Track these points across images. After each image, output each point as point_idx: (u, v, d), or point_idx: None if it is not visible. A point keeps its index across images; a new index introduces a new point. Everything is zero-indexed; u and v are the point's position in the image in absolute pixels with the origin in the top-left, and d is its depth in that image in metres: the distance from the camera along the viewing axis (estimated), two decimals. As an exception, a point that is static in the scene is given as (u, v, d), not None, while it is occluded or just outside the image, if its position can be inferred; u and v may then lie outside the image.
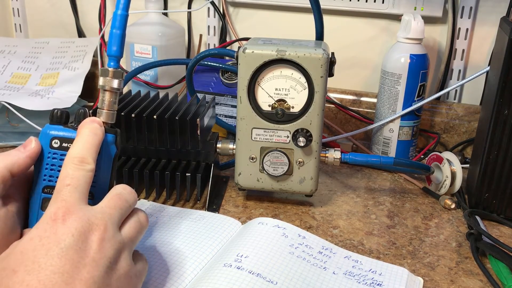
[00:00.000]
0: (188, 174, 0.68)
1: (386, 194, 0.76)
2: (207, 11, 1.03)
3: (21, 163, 0.46)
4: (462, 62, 0.91)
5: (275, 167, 0.68)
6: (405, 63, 0.80)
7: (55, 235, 0.38)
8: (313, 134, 0.66)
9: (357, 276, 0.55)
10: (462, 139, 0.91)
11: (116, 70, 0.49)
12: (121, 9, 0.49)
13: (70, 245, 0.38)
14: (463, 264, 0.59)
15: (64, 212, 0.39)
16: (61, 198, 0.40)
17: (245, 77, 0.65)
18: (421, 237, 0.65)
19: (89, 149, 0.44)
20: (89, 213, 0.40)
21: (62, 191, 0.41)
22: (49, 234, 0.38)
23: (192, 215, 0.65)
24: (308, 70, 0.64)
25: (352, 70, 0.99)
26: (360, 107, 0.96)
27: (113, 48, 0.49)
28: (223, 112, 0.90)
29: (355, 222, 0.68)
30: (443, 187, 0.74)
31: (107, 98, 0.49)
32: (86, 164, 0.43)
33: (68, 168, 0.42)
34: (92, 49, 1.04)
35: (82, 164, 0.43)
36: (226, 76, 0.88)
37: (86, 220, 0.40)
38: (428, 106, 0.92)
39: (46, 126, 0.48)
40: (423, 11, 0.89)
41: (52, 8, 1.16)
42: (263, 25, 1.01)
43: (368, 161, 0.73)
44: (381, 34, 0.95)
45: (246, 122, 0.67)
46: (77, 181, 0.42)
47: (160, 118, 0.67)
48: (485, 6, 0.88)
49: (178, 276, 0.52)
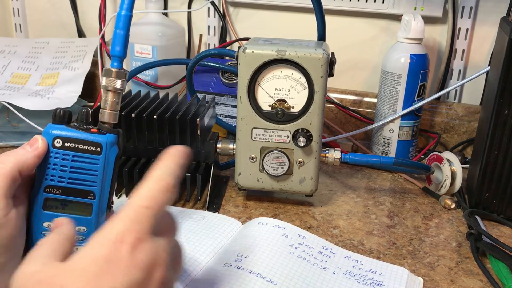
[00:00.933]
0: (188, 174, 0.68)
1: (386, 194, 0.76)
2: (207, 11, 1.03)
3: (29, 162, 0.46)
4: (462, 62, 0.91)
5: (275, 167, 0.68)
6: (405, 63, 0.80)
7: (122, 263, 0.33)
8: (313, 134, 0.66)
9: (357, 276, 0.55)
10: (462, 139, 0.91)
11: (119, 70, 0.49)
12: (125, 9, 0.49)
13: (136, 281, 0.33)
14: (463, 264, 0.60)
15: (135, 239, 0.34)
16: (135, 220, 0.35)
17: (245, 77, 0.65)
18: (421, 237, 0.65)
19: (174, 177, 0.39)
20: (157, 247, 0.35)
21: (137, 212, 0.35)
22: (114, 259, 0.33)
23: (192, 215, 0.66)
24: (308, 70, 0.64)
25: (352, 70, 0.99)
26: (360, 107, 0.96)
27: (117, 48, 0.49)
28: (223, 112, 0.90)
29: (355, 222, 0.68)
30: (443, 187, 0.74)
31: (110, 98, 0.49)
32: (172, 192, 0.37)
33: (152, 186, 0.37)
34: (92, 49, 1.04)
35: (170, 189, 0.37)
36: (226, 76, 0.88)
37: (153, 256, 0.35)
38: (428, 106, 0.92)
39: (49, 126, 0.48)
40: (423, 11, 0.89)
41: (52, 8, 1.16)
42: (263, 25, 1.01)
43: (368, 161, 0.73)
44: (381, 34, 0.95)
45: (246, 122, 0.67)
46: (159, 206, 0.36)
47: (160, 118, 0.67)
48: (485, 6, 0.88)
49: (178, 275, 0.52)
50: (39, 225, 0.48)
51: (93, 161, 0.48)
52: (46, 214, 0.48)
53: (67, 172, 0.48)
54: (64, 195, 0.48)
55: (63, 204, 0.48)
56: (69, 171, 0.48)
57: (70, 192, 0.48)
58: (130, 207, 0.35)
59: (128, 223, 0.34)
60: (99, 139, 0.48)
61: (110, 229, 0.34)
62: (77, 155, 0.48)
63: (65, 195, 0.48)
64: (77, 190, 0.48)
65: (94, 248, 0.34)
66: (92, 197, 0.48)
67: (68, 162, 0.48)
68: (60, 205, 0.48)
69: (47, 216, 0.48)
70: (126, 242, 0.33)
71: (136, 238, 0.34)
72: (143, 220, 0.35)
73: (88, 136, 0.48)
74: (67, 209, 0.48)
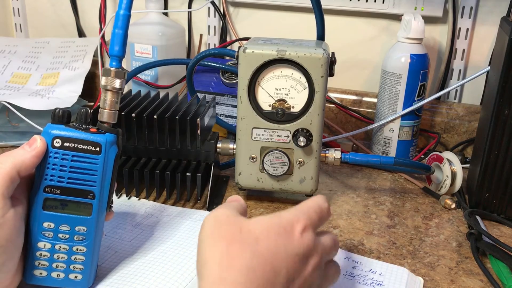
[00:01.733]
0: (189, 174, 0.68)
1: (386, 194, 0.76)
2: (207, 11, 1.03)
3: (28, 163, 0.46)
4: (462, 62, 0.91)
5: (275, 167, 0.68)
6: (406, 63, 0.80)
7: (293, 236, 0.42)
8: (313, 134, 0.66)
9: (357, 277, 0.55)
10: (463, 139, 0.91)
11: (118, 70, 0.49)
12: (124, 9, 0.49)
13: (298, 253, 0.41)
14: (463, 264, 0.59)
15: (305, 225, 0.43)
16: (307, 215, 0.44)
17: (245, 77, 0.65)
18: (421, 237, 0.65)
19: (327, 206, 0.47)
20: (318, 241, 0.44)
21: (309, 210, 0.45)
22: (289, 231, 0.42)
23: (192, 215, 0.66)
24: (309, 70, 0.64)
25: (353, 70, 0.99)
26: (361, 107, 0.96)
27: (115, 48, 0.49)
28: (223, 112, 0.90)
29: (355, 222, 0.68)
30: (444, 187, 0.74)
31: (109, 98, 0.49)
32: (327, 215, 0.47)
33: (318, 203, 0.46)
34: (93, 49, 1.04)
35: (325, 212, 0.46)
36: (226, 76, 0.88)
37: (314, 244, 0.43)
38: (429, 106, 0.92)
39: (48, 126, 0.48)
40: (423, 11, 0.89)
41: (52, 8, 1.16)
42: (263, 25, 1.01)
43: (369, 161, 0.73)
44: (382, 34, 0.95)
45: (247, 122, 0.67)
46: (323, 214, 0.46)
47: (161, 118, 0.67)
48: (485, 6, 0.88)
49: (179, 275, 0.52)
50: (38, 225, 0.48)
51: (93, 161, 0.48)
52: (45, 214, 0.48)
53: (67, 172, 0.48)
54: (63, 195, 0.48)
55: (62, 204, 0.48)
56: (69, 171, 0.48)
57: (70, 192, 0.48)
58: (304, 206, 0.45)
59: (302, 214, 0.44)
60: (98, 139, 0.48)
61: (288, 212, 0.44)
62: (77, 155, 0.48)
63: (65, 195, 0.48)
64: (76, 190, 0.48)
65: (274, 217, 0.43)
66: (91, 197, 0.48)
67: (68, 162, 0.48)
68: (59, 205, 0.48)
69: (46, 216, 0.48)
70: (299, 223, 0.42)
71: (305, 225, 0.43)
72: (313, 217, 0.44)
73: (87, 136, 0.48)
74: (67, 209, 0.48)
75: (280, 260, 0.40)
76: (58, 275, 0.49)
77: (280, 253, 0.40)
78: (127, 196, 0.70)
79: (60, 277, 0.49)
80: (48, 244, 0.48)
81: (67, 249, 0.49)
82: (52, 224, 0.48)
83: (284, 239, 0.41)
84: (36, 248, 0.48)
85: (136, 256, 0.56)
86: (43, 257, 0.49)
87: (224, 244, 0.40)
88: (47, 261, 0.49)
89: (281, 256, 0.40)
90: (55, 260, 0.49)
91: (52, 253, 0.49)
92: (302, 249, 0.42)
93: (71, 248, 0.49)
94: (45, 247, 0.48)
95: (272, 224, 0.42)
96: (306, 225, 0.43)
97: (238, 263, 0.39)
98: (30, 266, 0.49)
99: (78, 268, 0.49)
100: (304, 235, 0.42)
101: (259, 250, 0.40)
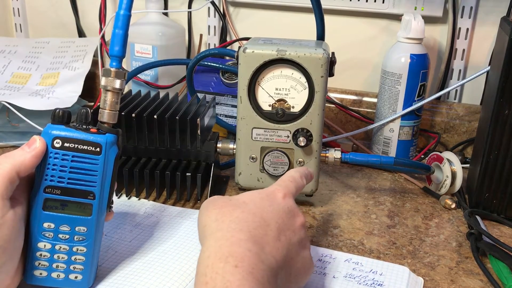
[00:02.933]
0: (189, 174, 0.68)
1: (387, 194, 0.76)
2: (207, 11, 1.03)
3: (27, 163, 0.45)
4: (462, 62, 0.91)
5: (275, 167, 0.68)
6: (406, 63, 0.80)
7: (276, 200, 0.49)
8: (313, 134, 0.66)
9: (358, 278, 0.55)
10: (463, 139, 0.91)
11: (118, 70, 0.49)
12: (124, 9, 0.49)
13: (285, 212, 0.48)
14: (463, 264, 0.59)
15: (285, 193, 0.50)
16: (285, 185, 0.52)
17: (245, 77, 0.65)
18: (422, 237, 0.65)
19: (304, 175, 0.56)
20: (294, 204, 0.50)
21: (286, 182, 0.53)
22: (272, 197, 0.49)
23: (192, 215, 0.66)
24: (309, 70, 0.64)
25: (353, 70, 0.99)
26: (361, 107, 0.96)
27: (115, 48, 0.49)
28: (223, 112, 0.90)
29: (356, 222, 0.68)
30: (444, 187, 0.74)
31: (109, 98, 0.49)
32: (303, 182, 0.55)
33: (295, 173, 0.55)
34: (93, 49, 1.04)
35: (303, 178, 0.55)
36: (226, 76, 0.88)
37: (295, 208, 0.50)
38: (429, 106, 0.92)
39: (48, 126, 0.48)
40: (423, 11, 0.89)
41: (52, 8, 1.16)
42: (263, 25, 1.01)
43: (369, 161, 0.73)
44: (381, 34, 0.95)
45: (247, 122, 0.67)
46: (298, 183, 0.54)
47: (161, 118, 0.67)
48: (485, 6, 0.88)
49: (179, 275, 0.52)
50: (38, 226, 0.48)
51: (93, 161, 0.48)
52: (45, 214, 0.48)
53: (67, 172, 0.48)
54: (64, 195, 0.48)
55: (63, 204, 0.48)
56: (69, 172, 0.48)
57: (70, 193, 0.48)
58: (280, 180, 0.53)
59: (279, 185, 0.52)
60: (98, 139, 0.48)
61: (268, 187, 0.52)
62: (77, 155, 0.48)
63: (65, 196, 0.48)
64: (77, 191, 0.48)
65: (258, 191, 0.51)
66: (92, 197, 0.48)
67: (68, 163, 0.48)
68: (60, 206, 0.48)
69: (46, 217, 0.48)
70: (280, 191, 0.50)
71: (285, 193, 0.50)
72: (289, 186, 0.52)
73: (87, 136, 0.48)
74: (67, 210, 0.48)
75: (268, 214, 0.47)
76: (58, 275, 0.49)
77: (267, 210, 0.47)
78: (127, 196, 0.70)
79: (60, 278, 0.49)
80: (48, 245, 0.48)
81: (67, 249, 0.49)
82: (52, 225, 0.48)
83: (269, 202, 0.49)
84: (36, 249, 0.48)
85: (136, 256, 0.56)
86: (43, 257, 0.49)
87: (218, 208, 0.47)
88: (47, 262, 0.49)
89: (268, 211, 0.47)
90: (55, 261, 0.49)
91: (52, 253, 0.49)
92: (287, 208, 0.49)
93: (71, 248, 0.49)
94: (45, 247, 0.48)
95: (257, 193, 0.50)
96: (286, 192, 0.50)
97: (230, 217, 0.46)
98: (30, 266, 0.49)
99: (78, 268, 0.49)
100: (285, 199, 0.50)
101: (248, 208, 0.47)
